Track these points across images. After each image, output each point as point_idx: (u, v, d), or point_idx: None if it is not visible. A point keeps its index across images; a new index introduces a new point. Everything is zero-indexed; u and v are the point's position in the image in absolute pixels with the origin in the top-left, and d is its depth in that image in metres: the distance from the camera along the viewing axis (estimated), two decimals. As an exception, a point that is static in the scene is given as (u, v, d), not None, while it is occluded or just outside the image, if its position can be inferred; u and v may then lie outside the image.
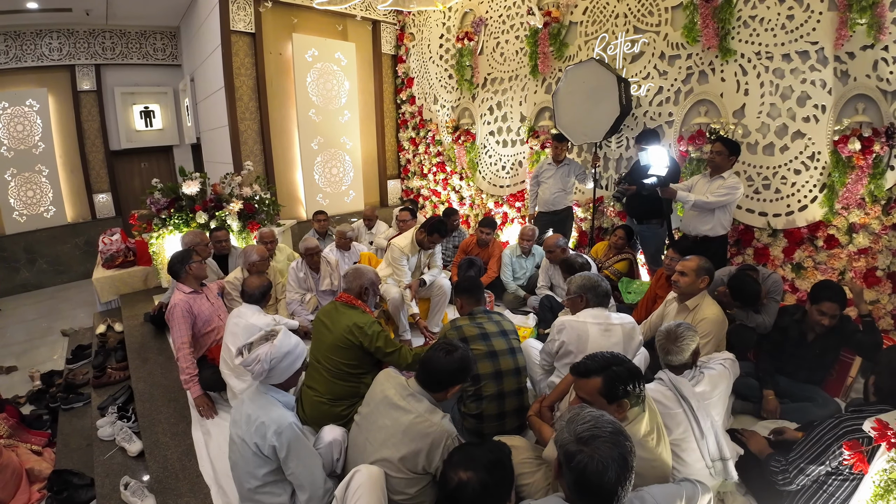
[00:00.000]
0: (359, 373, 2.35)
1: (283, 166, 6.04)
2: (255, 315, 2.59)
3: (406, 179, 7.47)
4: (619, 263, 3.97)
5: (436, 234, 3.35)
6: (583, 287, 2.33)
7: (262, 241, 4.06)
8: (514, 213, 5.68)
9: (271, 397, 1.79)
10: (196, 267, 2.86)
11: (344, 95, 6.33)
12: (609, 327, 2.21)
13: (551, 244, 3.73)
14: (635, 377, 1.57)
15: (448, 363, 1.76)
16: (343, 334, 2.31)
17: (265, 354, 1.74)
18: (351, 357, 2.33)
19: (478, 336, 2.26)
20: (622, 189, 3.78)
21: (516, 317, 3.88)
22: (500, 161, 5.87)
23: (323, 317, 2.47)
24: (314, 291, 3.76)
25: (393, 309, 3.42)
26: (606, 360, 1.62)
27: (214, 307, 2.90)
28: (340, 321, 2.37)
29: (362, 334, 2.33)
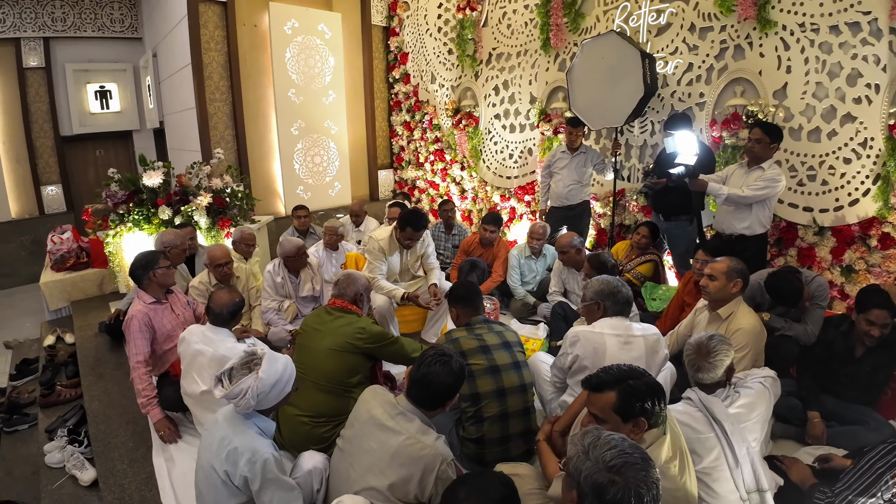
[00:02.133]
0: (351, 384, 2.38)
1: (259, 154, 6.06)
2: (224, 342, 2.48)
3: (399, 169, 7.48)
4: (643, 266, 3.97)
5: (408, 229, 3.34)
6: (600, 293, 2.33)
7: (242, 243, 4.08)
8: (523, 209, 5.70)
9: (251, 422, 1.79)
10: (161, 274, 2.82)
11: (328, 73, 6.34)
12: (630, 339, 2.21)
13: (565, 244, 3.74)
14: (655, 393, 1.57)
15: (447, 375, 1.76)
16: (344, 339, 2.35)
17: (251, 389, 1.72)
18: (349, 363, 2.36)
19: (477, 349, 2.25)
20: (651, 183, 3.78)
21: (525, 327, 3.89)
22: (506, 148, 5.88)
23: (313, 323, 2.49)
24: (293, 298, 3.77)
25: (380, 317, 3.44)
26: (623, 372, 1.62)
27: (180, 319, 2.88)
28: (336, 325, 2.40)
29: (367, 336, 2.37)
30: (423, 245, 3.64)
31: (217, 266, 3.40)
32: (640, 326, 2.29)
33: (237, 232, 4.13)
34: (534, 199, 5.57)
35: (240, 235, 4.09)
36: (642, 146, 4.66)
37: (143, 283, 2.82)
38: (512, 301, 4.36)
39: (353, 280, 2.60)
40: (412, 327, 3.79)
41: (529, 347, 3.48)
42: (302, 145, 6.28)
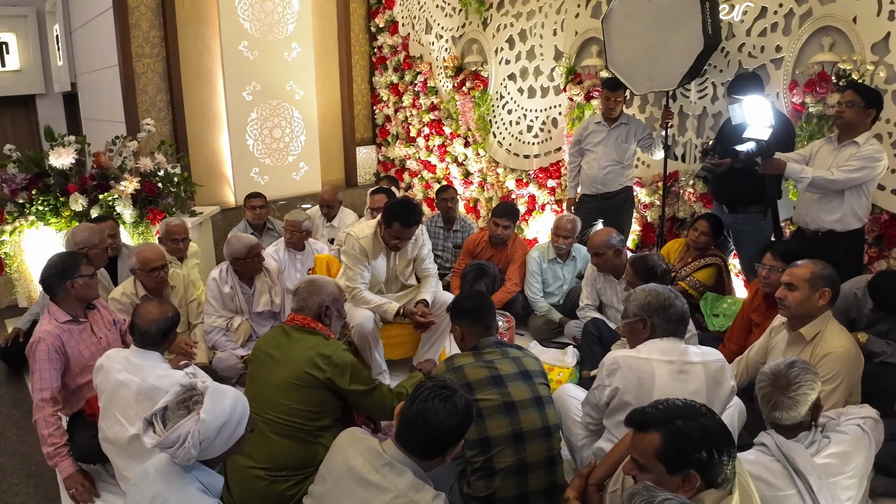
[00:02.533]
0: (317, 427, 2.38)
1: (201, 126, 6.06)
2: (154, 369, 2.43)
3: (384, 146, 7.48)
4: (702, 272, 3.98)
5: (396, 225, 3.34)
6: (647, 307, 2.32)
7: (168, 238, 4.06)
8: (546, 197, 5.71)
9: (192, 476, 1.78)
10: (83, 284, 2.79)
11: (291, 21, 6.35)
12: (686, 367, 2.20)
13: (600, 243, 3.74)
14: (715, 441, 1.55)
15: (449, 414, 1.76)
16: (302, 368, 2.35)
17: (190, 436, 1.70)
18: (310, 401, 2.36)
19: (487, 380, 2.25)
20: (711, 164, 3.79)
21: (548, 351, 3.90)
22: (524, 119, 5.89)
23: (267, 347, 2.49)
24: (246, 315, 3.77)
25: (360, 339, 3.44)
26: (673, 409, 1.62)
27: (102, 344, 2.86)
28: (296, 350, 2.41)
29: (331, 366, 2.37)
30: (415, 245, 3.64)
31: (152, 270, 3.40)
32: (699, 351, 2.28)
33: (161, 225, 4.13)
34: (559, 184, 5.58)
35: (164, 228, 4.09)
36: (701, 115, 4.66)
37: (58, 296, 2.79)
38: (532, 318, 4.36)
39: (317, 288, 2.59)
40: (402, 352, 3.80)
41: (555, 378, 3.47)
42: (257, 115, 6.28)
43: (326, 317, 2.58)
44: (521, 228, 5.90)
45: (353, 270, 3.47)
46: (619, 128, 4.57)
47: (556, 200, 5.64)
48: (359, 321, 3.39)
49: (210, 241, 5.49)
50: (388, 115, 7.31)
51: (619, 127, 4.57)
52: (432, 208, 6.82)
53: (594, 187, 4.67)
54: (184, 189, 4.99)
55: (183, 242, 4.10)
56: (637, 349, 2.30)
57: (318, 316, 2.56)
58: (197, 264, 4.36)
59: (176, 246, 4.07)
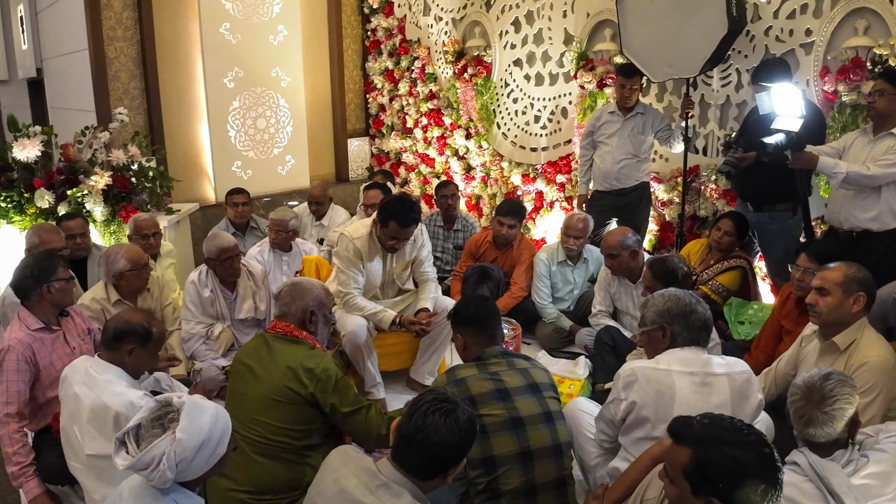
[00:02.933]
0: (304, 447, 2.36)
1: (179, 116, 6.06)
2: (111, 385, 2.36)
3: (378, 138, 7.48)
4: (725, 275, 3.98)
5: (392, 224, 3.33)
6: (666, 313, 2.32)
7: (137, 235, 4.06)
8: (555, 194, 5.71)
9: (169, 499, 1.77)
10: (60, 289, 2.79)
11: (277, 1, 6.35)
12: (709, 379, 2.20)
13: (614, 244, 3.74)
14: (748, 474, 1.53)
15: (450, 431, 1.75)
16: (282, 383, 2.34)
17: (166, 457, 1.69)
18: (294, 419, 2.35)
19: (492, 394, 2.24)
20: (734, 158, 3.78)
21: (558, 361, 3.89)
22: (531, 108, 5.89)
23: (246, 358, 2.48)
24: (227, 321, 3.77)
25: (353, 349, 3.43)
26: (716, 428, 1.61)
27: (76, 354, 2.82)
28: (276, 363, 2.40)
29: (313, 380, 2.35)
30: (414, 247, 3.64)
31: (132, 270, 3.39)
32: (724, 361, 2.28)
33: (130, 221, 4.13)
34: (570, 180, 5.58)
35: (132, 224, 4.09)
36: (724, 105, 4.66)
37: (32, 300, 2.78)
38: (539, 325, 4.35)
39: (301, 291, 2.57)
40: (398, 362, 3.79)
41: (565, 391, 3.47)
42: (240, 103, 6.27)
43: (311, 323, 2.56)
44: (528, 228, 5.89)
45: (346, 274, 3.47)
46: (634, 118, 4.57)
47: (566, 197, 5.63)
48: (351, 329, 3.38)
49: (188, 241, 5.47)
50: (383, 104, 7.30)
51: (635, 117, 4.57)
52: (431, 206, 6.81)
53: (607, 183, 4.67)
54: (160, 184, 4.97)
55: (154, 238, 4.10)
56: (656, 360, 2.29)
57: (303, 322, 2.54)
58: (172, 264, 4.35)
59: (146, 242, 4.06)
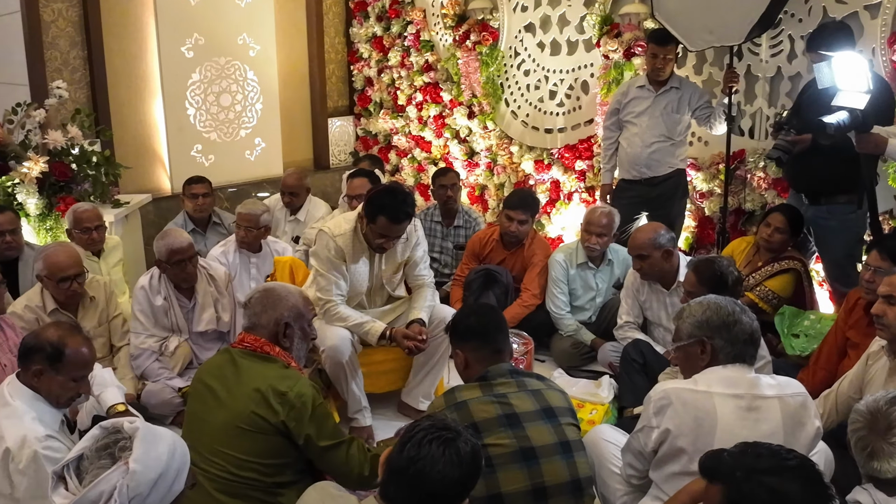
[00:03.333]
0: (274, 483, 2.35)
1: (128, 92, 6.05)
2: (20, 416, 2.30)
3: (365, 118, 7.46)
4: (776, 279, 3.98)
5: (381, 219, 3.32)
6: (706, 324, 2.31)
7: (77, 229, 4.05)
8: (574, 183, 5.70)
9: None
10: None
11: (245, -45, 6.35)
12: (757, 403, 2.19)
13: (644, 243, 3.73)
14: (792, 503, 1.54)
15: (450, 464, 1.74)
16: (250, 408, 2.33)
17: (118, 492, 1.68)
18: (262, 451, 2.34)
19: (498, 420, 2.24)
20: (786, 141, 3.76)
21: (578, 382, 3.88)
22: (545, 82, 5.88)
23: (208, 378, 2.48)
24: (185, 334, 3.76)
25: (334, 367, 3.42)
26: (750, 458, 1.60)
27: (7, 372, 2.77)
28: (243, 384, 2.39)
29: (286, 406, 2.34)
30: (407, 246, 3.63)
31: (62, 281, 3.37)
32: (774, 382, 2.28)
33: (69, 213, 4.12)
34: (591, 167, 5.57)
35: (71, 216, 4.08)
36: (774, 78, 4.64)
37: None
38: (556, 339, 4.34)
39: (274, 299, 2.57)
40: (388, 383, 3.79)
41: (586, 417, 3.46)
42: (200, 76, 6.26)
43: (286, 337, 2.55)
44: (542, 224, 5.88)
45: (326, 278, 3.46)
46: (668, 93, 4.56)
47: (587, 188, 5.62)
48: (332, 344, 3.37)
49: (139, 239, 5.46)
50: (370, 77, 7.28)
51: (669, 92, 4.56)
52: (427, 198, 6.79)
53: (636, 170, 4.66)
54: (105, 172, 4.94)
55: (97, 231, 4.08)
56: (693, 380, 2.29)
57: (276, 336, 2.53)
58: (120, 262, 4.34)
59: (88, 237, 4.05)
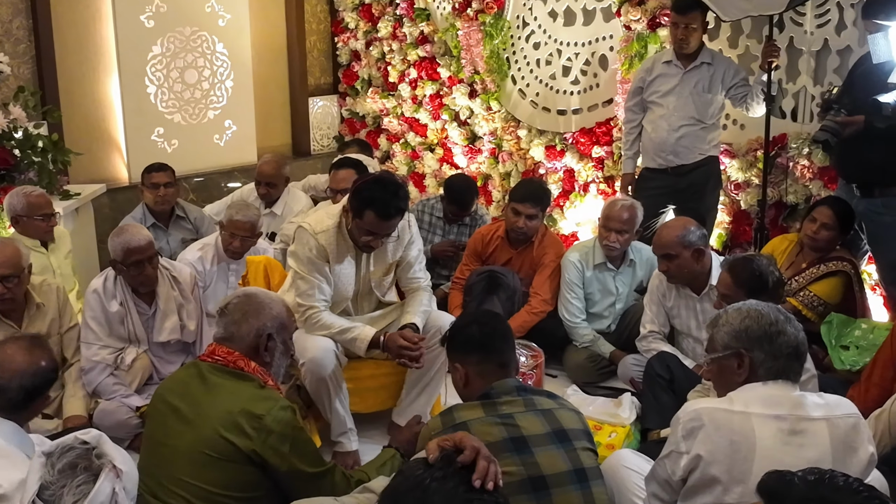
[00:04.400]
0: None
1: (80, 67, 6.04)
2: (11, 444, 2.31)
3: (351, 97, 7.45)
4: (823, 283, 3.99)
5: (369, 214, 3.31)
6: (744, 335, 2.30)
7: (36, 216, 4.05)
8: (591, 173, 5.70)
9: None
10: None
11: None
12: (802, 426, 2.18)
13: (672, 241, 3.73)
14: None
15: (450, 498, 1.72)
16: (219, 432, 2.33)
17: (120, 497, 1.73)
18: (231, 481, 2.34)
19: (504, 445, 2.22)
20: (834, 123, 3.74)
21: (595, 400, 3.86)
22: (558, 56, 5.88)
23: (171, 396, 2.47)
24: (144, 345, 3.76)
25: (315, 383, 3.42)
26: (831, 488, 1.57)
27: None
28: (212, 403, 2.39)
29: (262, 433, 2.34)
30: (399, 245, 3.64)
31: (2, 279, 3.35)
32: (822, 401, 2.27)
33: (15, 197, 4.08)
34: (611, 153, 5.58)
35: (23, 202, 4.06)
36: (820, 52, 4.64)
37: None
38: (569, 350, 4.35)
39: (256, 307, 2.57)
40: (377, 401, 3.79)
41: (604, 441, 3.44)
42: (162, 49, 6.25)
43: (267, 351, 2.54)
44: (554, 219, 5.88)
45: (308, 281, 3.45)
46: (698, 70, 4.57)
47: (606, 178, 5.62)
48: (313, 356, 3.36)
49: (91, 235, 5.46)
50: (357, 50, 7.28)
51: (700, 69, 4.56)
52: (421, 190, 6.79)
53: (662, 158, 4.67)
54: (53, 159, 4.94)
55: (46, 221, 4.10)
56: (728, 398, 2.28)
57: (255, 349, 2.52)
58: (70, 254, 4.34)
59: (47, 225, 4.07)
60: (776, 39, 4.46)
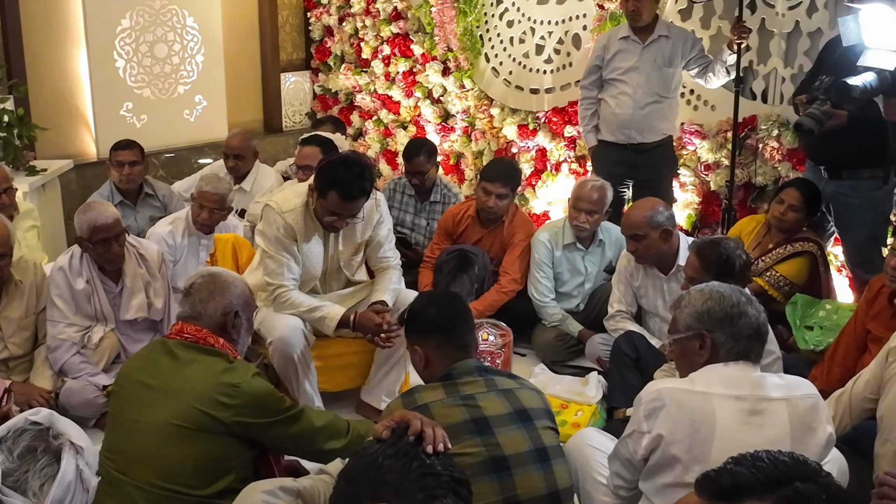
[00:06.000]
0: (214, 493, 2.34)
1: (47, 39, 5.97)
2: None
3: (324, 73, 7.40)
4: (788, 263, 4.01)
5: (332, 195, 3.31)
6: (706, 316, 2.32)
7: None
8: (563, 152, 5.72)
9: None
10: None
11: None
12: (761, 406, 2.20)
13: (640, 221, 3.75)
14: None
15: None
16: (193, 405, 2.33)
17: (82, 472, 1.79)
18: (205, 454, 2.34)
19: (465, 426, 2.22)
20: (820, 112, 3.67)
21: (562, 379, 3.90)
22: (531, 34, 5.87)
23: (138, 374, 2.47)
24: (111, 323, 3.76)
25: (283, 361, 3.42)
26: (781, 466, 1.59)
27: None
28: (185, 377, 2.40)
29: (242, 399, 2.36)
30: (369, 224, 3.64)
31: None
32: (782, 382, 2.29)
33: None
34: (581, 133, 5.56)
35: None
36: (791, 34, 4.66)
37: None
38: (538, 329, 4.37)
39: (222, 286, 2.59)
40: (345, 379, 3.80)
41: (570, 419, 3.48)
42: (131, 22, 6.18)
43: (234, 328, 2.57)
44: (526, 198, 5.88)
45: (276, 260, 3.45)
46: (657, 44, 4.60)
47: (578, 157, 5.63)
48: (281, 335, 3.37)
49: (58, 211, 5.42)
50: (329, 25, 7.22)
51: (658, 42, 4.60)
52: (394, 168, 6.77)
53: (624, 134, 4.72)
54: (18, 134, 4.89)
55: (6, 195, 4.03)
56: (690, 378, 2.29)
57: (222, 327, 2.54)
58: (34, 228, 4.31)
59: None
60: (746, 21, 4.47)
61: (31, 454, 1.84)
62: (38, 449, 1.84)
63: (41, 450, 1.84)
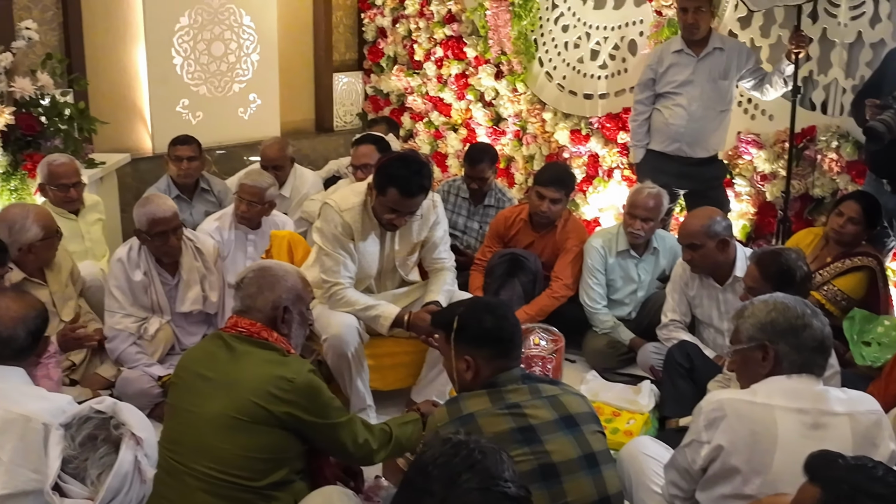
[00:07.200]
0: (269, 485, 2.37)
1: (106, 36, 6.05)
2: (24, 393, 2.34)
3: (376, 74, 7.44)
4: (847, 278, 3.97)
5: (392, 192, 3.33)
6: (770, 327, 2.29)
7: (52, 185, 4.09)
8: (616, 158, 5.70)
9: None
10: None
11: None
12: (824, 420, 2.18)
13: (697, 230, 3.73)
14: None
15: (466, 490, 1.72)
16: (249, 397, 2.36)
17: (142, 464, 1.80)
18: (260, 445, 2.37)
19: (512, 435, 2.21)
20: (891, 119, 3.64)
21: (613, 387, 3.90)
22: (587, 40, 5.85)
23: (196, 366, 2.50)
24: (167, 315, 3.81)
25: (337, 359, 3.44)
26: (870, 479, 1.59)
27: None
28: (241, 370, 2.42)
29: (294, 394, 2.38)
30: (424, 224, 3.66)
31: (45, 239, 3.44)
32: (845, 396, 2.27)
33: (41, 166, 4.16)
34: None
35: (45, 170, 4.12)
36: (854, 45, 4.59)
37: None
38: (589, 336, 4.35)
39: (271, 279, 2.60)
40: (396, 379, 3.81)
41: (622, 427, 3.47)
42: (189, 20, 6.26)
43: (284, 322, 2.58)
44: (577, 204, 5.87)
45: (333, 258, 3.48)
46: (711, 56, 4.57)
47: (630, 164, 5.60)
48: (336, 332, 3.39)
49: (115, 204, 5.49)
50: (383, 27, 7.26)
51: (713, 55, 4.57)
52: (444, 169, 6.79)
53: (675, 146, 4.71)
54: (78, 127, 4.95)
55: (75, 189, 4.12)
56: (752, 390, 2.28)
57: (273, 321, 2.55)
58: (100, 221, 4.38)
59: (65, 195, 4.10)
60: (807, 30, 4.43)
61: (91, 442, 1.86)
62: (99, 437, 1.86)
63: (101, 438, 1.86)
